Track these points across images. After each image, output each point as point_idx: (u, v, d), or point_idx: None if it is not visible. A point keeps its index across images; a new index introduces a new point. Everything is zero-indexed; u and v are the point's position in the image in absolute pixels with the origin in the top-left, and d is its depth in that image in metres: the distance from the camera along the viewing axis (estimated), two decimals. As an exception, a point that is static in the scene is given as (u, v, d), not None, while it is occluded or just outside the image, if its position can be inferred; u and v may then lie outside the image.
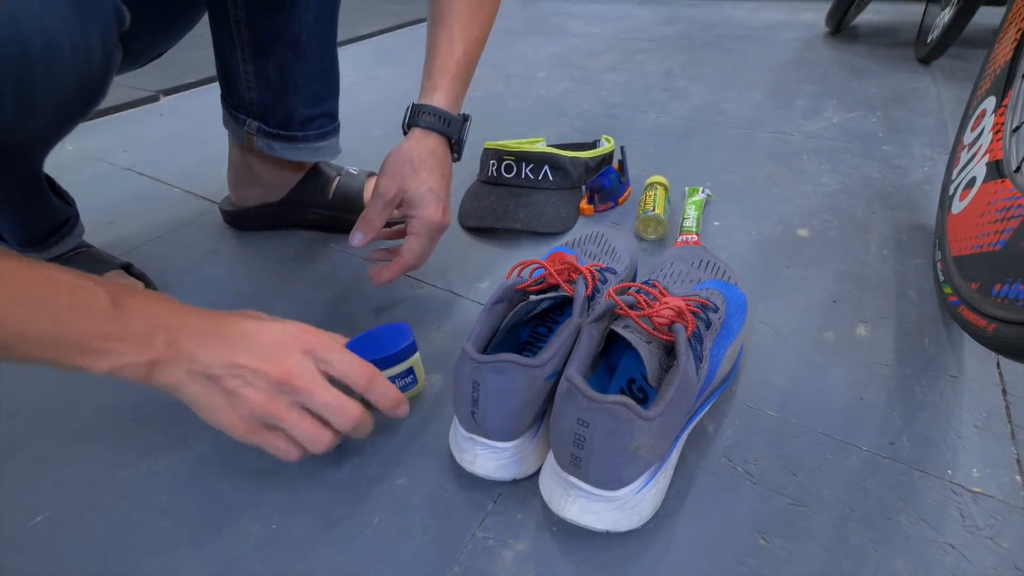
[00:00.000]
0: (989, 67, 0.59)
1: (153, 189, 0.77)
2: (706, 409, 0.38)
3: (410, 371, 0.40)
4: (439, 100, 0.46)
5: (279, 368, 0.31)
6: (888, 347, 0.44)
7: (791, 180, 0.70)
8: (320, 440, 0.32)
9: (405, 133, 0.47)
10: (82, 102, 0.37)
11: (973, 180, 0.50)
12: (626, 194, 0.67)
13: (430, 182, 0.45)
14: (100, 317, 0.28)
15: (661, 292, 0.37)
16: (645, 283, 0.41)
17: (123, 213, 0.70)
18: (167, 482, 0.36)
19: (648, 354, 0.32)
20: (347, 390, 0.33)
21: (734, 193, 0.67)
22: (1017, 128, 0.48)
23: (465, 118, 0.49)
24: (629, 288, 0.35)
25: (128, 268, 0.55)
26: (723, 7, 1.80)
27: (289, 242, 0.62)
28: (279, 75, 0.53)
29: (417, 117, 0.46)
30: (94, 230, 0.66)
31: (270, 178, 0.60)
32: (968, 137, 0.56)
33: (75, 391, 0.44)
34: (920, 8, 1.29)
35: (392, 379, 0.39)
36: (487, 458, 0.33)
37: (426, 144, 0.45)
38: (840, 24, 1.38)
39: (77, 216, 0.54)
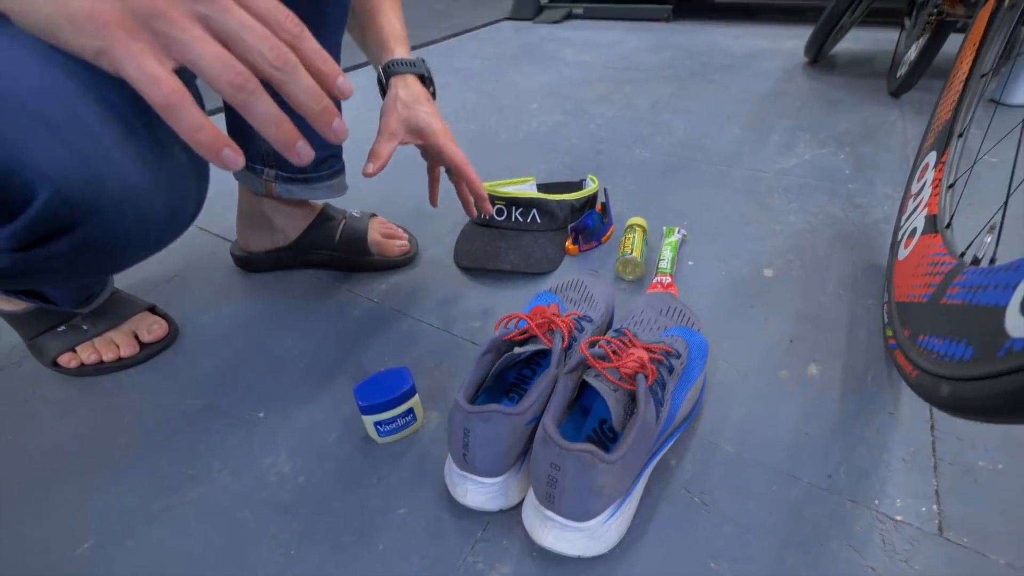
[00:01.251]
0: (934, 122, 0.65)
1: (168, 226, 0.82)
2: (669, 445, 0.43)
3: (410, 411, 0.45)
4: (401, 54, 0.56)
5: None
6: (835, 385, 0.49)
7: (762, 219, 0.75)
8: (229, 73, 0.24)
9: (383, 90, 0.56)
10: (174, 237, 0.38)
11: (915, 230, 0.55)
12: (608, 233, 0.73)
13: (426, 107, 0.54)
14: None
15: (630, 341, 0.43)
16: (617, 330, 0.46)
17: (141, 251, 0.75)
18: (196, 512, 0.41)
19: (614, 402, 0.37)
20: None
21: (709, 232, 0.73)
22: (952, 184, 0.54)
23: (423, 60, 0.58)
24: (599, 340, 0.41)
25: (152, 309, 0.60)
26: (710, 33, 1.87)
27: (298, 282, 0.67)
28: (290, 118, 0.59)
29: (391, 68, 0.55)
30: (116, 269, 0.72)
31: (281, 223, 0.65)
32: (915, 187, 0.62)
33: (108, 427, 0.49)
34: (895, 36, 1.35)
35: (394, 418, 0.44)
36: (477, 492, 0.38)
37: (407, 85, 0.54)
38: (819, 54, 1.45)
39: None
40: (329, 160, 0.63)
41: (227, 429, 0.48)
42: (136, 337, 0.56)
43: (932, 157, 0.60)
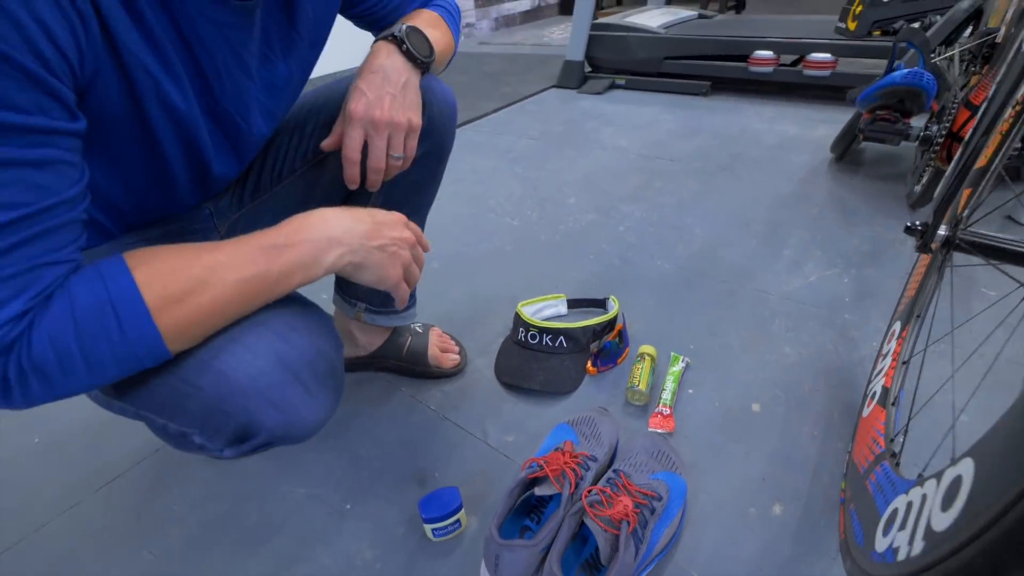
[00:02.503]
0: (906, 289, 0.76)
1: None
2: (649, 570, 0.57)
3: (457, 521, 0.61)
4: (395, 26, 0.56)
5: (408, 235, 0.49)
6: (792, 526, 0.61)
7: (760, 347, 0.88)
8: (416, 277, 0.52)
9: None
10: None
11: (875, 394, 0.67)
12: (624, 354, 0.87)
13: (362, 80, 0.54)
14: (295, 249, 0.42)
15: (622, 485, 0.57)
16: (615, 471, 0.61)
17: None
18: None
19: (603, 542, 0.52)
20: None
21: (712, 359, 0.86)
22: (906, 362, 0.65)
23: (413, 28, 0.56)
24: (596, 488, 0.55)
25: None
26: (744, 114, 1.99)
27: (372, 384, 0.86)
28: None
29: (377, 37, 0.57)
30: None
31: (364, 340, 0.84)
32: (884, 347, 0.73)
33: (240, 509, 0.67)
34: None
35: (446, 526, 0.61)
36: (502, 596, 0.53)
37: (372, 54, 0.55)
38: (845, 152, 1.54)
39: None
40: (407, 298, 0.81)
41: (324, 517, 0.66)
42: (257, 431, 0.76)
43: (897, 326, 0.71)
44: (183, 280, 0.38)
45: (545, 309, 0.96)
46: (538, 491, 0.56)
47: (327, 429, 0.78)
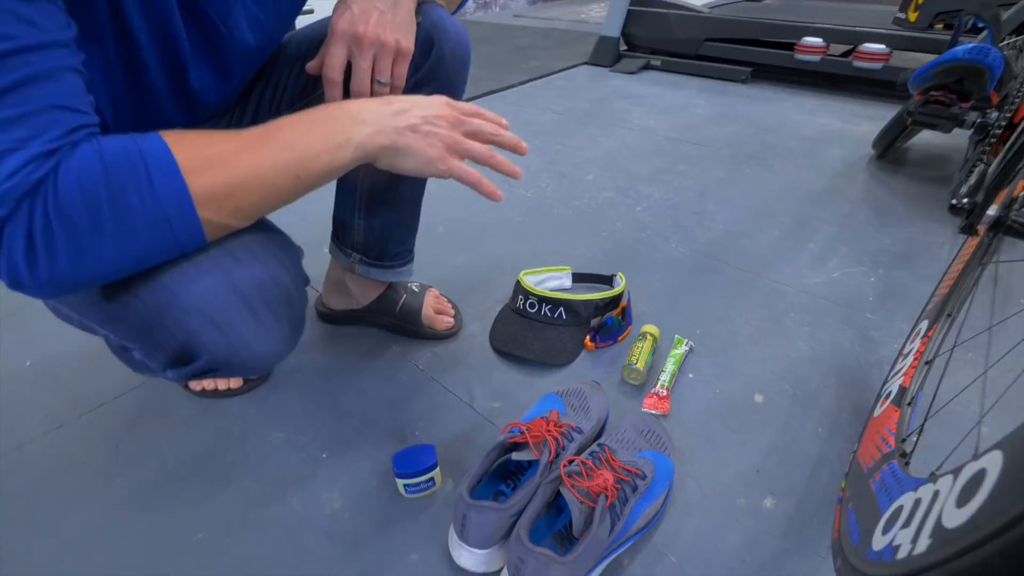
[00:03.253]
0: (938, 289, 0.70)
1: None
2: (626, 547, 0.54)
3: (431, 479, 0.59)
4: None
5: (448, 112, 0.46)
6: (782, 521, 0.58)
7: (770, 339, 0.83)
8: (485, 153, 0.47)
9: None
10: None
11: (890, 394, 0.62)
12: (625, 333, 0.84)
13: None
14: (320, 126, 0.41)
15: (606, 459, 0.54)
16: (600, 444, 0.58)
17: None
18: (274, 527, 0.58)
19: (578, 513, 0.49)
20: None
21: (717, 346, 0.82)
22: (929, 362, 0.60)
23: None
24: (578, 459, 0.53)
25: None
26: (784, 105, 1.89)
27: (363, 340, 0.84)
28: (382, 227, 0.75)
29: None
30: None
31: (358, 292, 0.82)
32: (907, 347, 0.68)
33: (219, 446, 0.67)
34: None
35: (418, 483, 0.59)
36: (469, 557, 0.51)
37: None
38: (887, 150, 1.45)
39: None
40: (403, 252, 0.79)
41: (299, 463, 0.64)
42: (243, 373, 0.75)
43: (924, 325, 0.66)
44: (214, 147, 0.38)
45: (548, 280, 0.92)
46: (516, 456, 0.54)
47: (311, 378, 0.78)
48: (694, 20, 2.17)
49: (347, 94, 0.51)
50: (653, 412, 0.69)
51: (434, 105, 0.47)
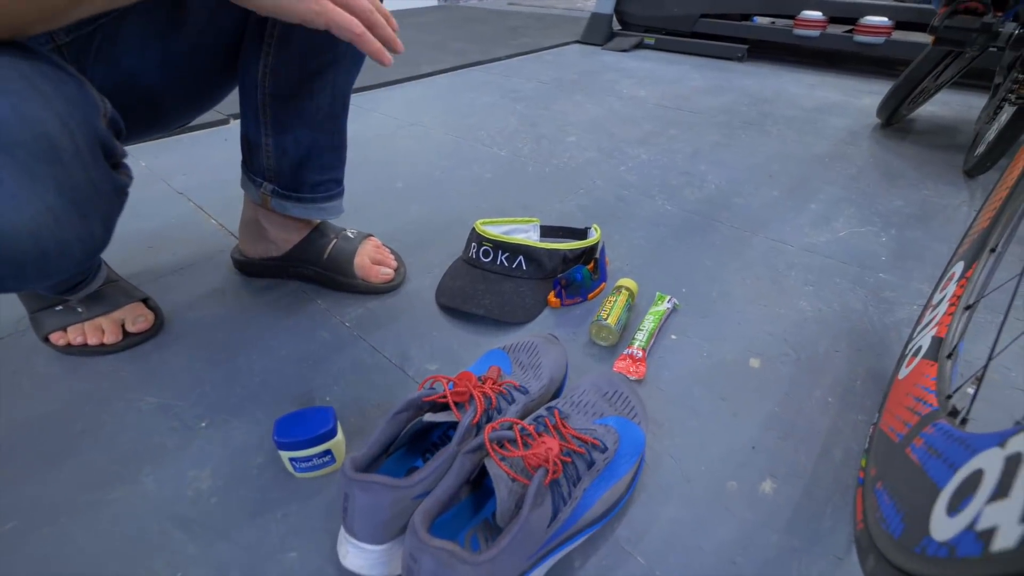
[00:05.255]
0: (974, 226, 0.57)
1: (194, 218, 0.88)
2: (576, 543, 0.40)
3: (327, 452, 0.45)
4: None
5: None
6: (786, 510, 0.44)
7: (768, 299, 0.70)
8: (363, 12, 0.40)
9: None
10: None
11: (920, 349, 0.49)
12: (598, 290, 0.70)
13: None
14: None
15: (553, 426, 0.41)
16: (548, 409, 0.44)
17: (162, 239, 0.81)
18: (113, 513, 0.43)
19: (506, 494, 0.35)
20: None
21: (705, 305, 0.69)
22: (971, 306, 0.47)
23: None
24: (512, 423, 0.39)
25: (145, 301, 0.64)
26: (782, 79, 1.78)
27: (282, 293, 0.70)
28: (295, 148, 0.61)
29: None
30: (134, 253, 0.77)
31: (275, 235, 0.68)
32: (936, 296, 0.55)
33: (72, 411, 0.52)
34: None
35: (310, 457, 0.44)
36: (356, 555, 0.37)
37: None
38: (892, 116, 1.33)
39: (100, 263, 0.62)
40: (327, 184, 0.65)
41: (168, 433, 0.50)
42: (123, 326, 0.61)
43: (959, 267, 0.53)
44: None
45: (513, 233, 0.78)
46: (428, 417, 0.40)
47: (210, 334, 0.62)
48: (688, -7, 2.06)
49: None
50: (626, 377, 0.56)
51: None
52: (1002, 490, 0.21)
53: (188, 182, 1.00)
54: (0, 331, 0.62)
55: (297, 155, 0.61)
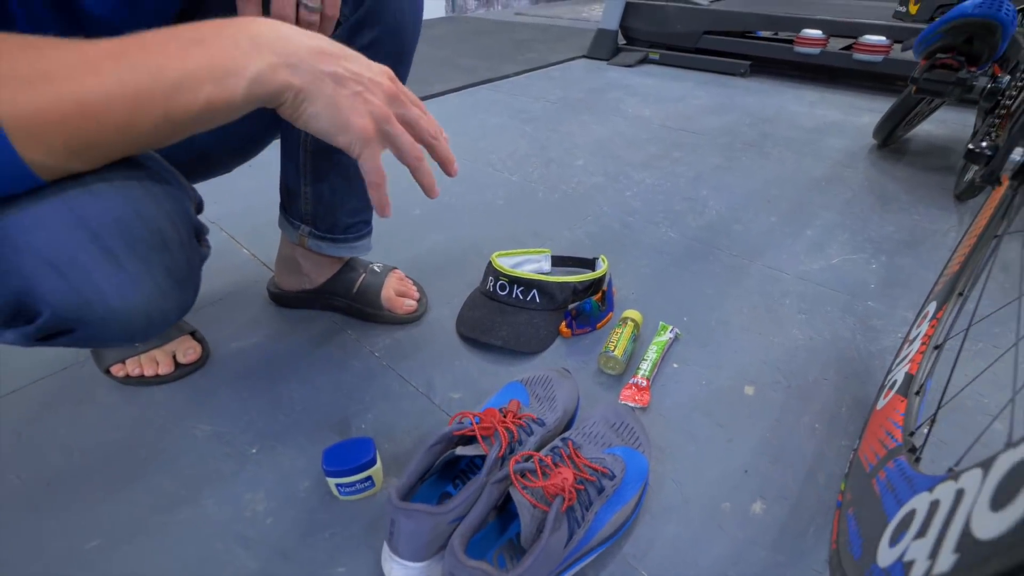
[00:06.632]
0: (948, 266, 0.63)
1: (227, 247, 0.95)
2: (587, 561, 0.46)
3: (369, 478, 0.51)
4: None
5: (388, 84, 0.39)
6: (773, 529, 0.50)
7: (764, 327, 0.75)
8: (416, 151, 0.40)
9: None
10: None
11: (895, 383, 0.54)
12: (606, 319, 0.76)
13: None
14: (205, 48, 0.32)
15: (567, 456, 0.46)
16: (563, 440, 0.50)
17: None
18: (181, 532, 0.50)
19: (528, 519, 0.41)
20: None
21: (705, 334, 0.74)
22: (939, 346, 0.53)
23: None
24: (533, 456, 0.45)
25: (193, 334, 0.71)
26: (783, 96, 1.83)
27: (316, 323, 0.76)
28: (331, 195, 0.68)
29: None
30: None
31: (310, 270, 0.74)
32: (912, 332, 0.60)
33: (135, 438, 0.59)
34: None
35: (353, 483, 0.51)
36: (400, 571, 0.43)
37: None
38: (888, 138, 1.38)
39: None
40: (358, 224, 0.71)
41: (223, 459, 0.57)
42: (174, 358, 0.67)
43: (932, 307, 0.58)
44: (43, 60, 0.29)
45: (525, 263, 0.85)
46: (459, 451, 0.46)
47: (252, 365, 0.70)
48: (693, 12, 2.11)
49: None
50: (631, 405, 0.61)
51: (374, 69, 0.39)
52: (923, 530, 0.26)
53: (219, 211, 1.06)
54: (64, 362, 0.69)
55: (333, 201, 0.67)
